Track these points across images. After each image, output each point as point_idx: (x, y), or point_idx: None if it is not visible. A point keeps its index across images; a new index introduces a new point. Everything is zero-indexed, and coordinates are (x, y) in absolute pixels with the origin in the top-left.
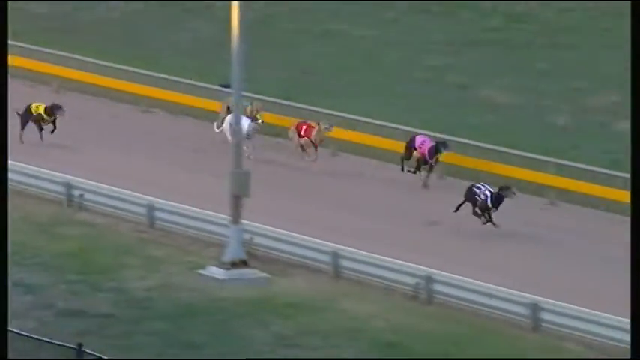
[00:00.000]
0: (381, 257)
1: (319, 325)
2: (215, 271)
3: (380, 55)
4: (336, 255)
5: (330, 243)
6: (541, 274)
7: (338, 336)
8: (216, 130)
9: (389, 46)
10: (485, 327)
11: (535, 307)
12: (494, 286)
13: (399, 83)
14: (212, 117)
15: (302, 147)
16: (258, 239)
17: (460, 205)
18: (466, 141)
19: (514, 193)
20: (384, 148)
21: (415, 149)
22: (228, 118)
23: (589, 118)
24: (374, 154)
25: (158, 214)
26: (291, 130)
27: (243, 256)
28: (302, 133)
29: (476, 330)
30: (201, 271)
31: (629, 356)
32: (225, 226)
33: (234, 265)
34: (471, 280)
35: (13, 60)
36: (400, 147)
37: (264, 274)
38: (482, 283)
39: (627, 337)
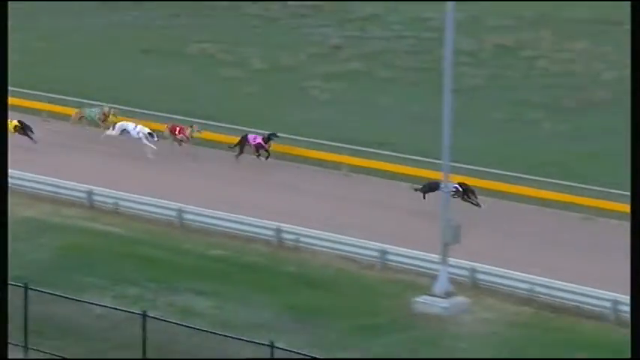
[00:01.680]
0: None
1: None
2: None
3: None
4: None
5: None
6: None
7: None
8: (107, 133)
9: None
10: None
11: None
12: None
13: None
14: None
15: (179, 143)
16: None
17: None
18: None
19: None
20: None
21: (249, 143)
22: (119, 125)
23: None
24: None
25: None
26: (166, 130)
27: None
28: (177, 132)
29: None
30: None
31: None
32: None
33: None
34: None
35: None
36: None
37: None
38: None
39: None
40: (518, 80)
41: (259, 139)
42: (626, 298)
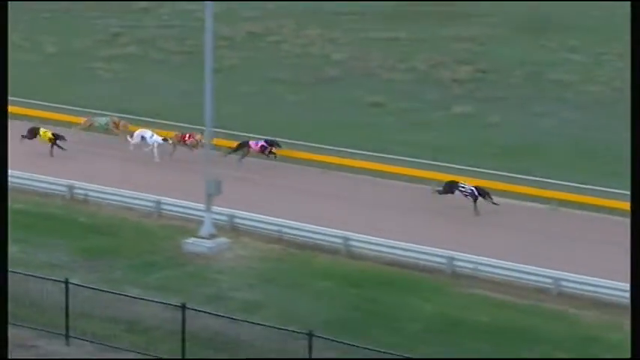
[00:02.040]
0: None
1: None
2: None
3: None
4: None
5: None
6: None
7: None
8: (130, 140)
9: None
10: None
11: None
12: None
13: None
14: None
15: (190, 148)
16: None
17: (442, 193)
18: None
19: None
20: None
21: (250, 147)
22: (137, 132)
23: None
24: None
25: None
26: (175, 137)
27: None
28: (186, 139)
29: None
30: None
31: None
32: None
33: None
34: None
35: None
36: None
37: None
38: None
39: None
40: (266, 60)
41: (261, 143)
42: (354, 235)
